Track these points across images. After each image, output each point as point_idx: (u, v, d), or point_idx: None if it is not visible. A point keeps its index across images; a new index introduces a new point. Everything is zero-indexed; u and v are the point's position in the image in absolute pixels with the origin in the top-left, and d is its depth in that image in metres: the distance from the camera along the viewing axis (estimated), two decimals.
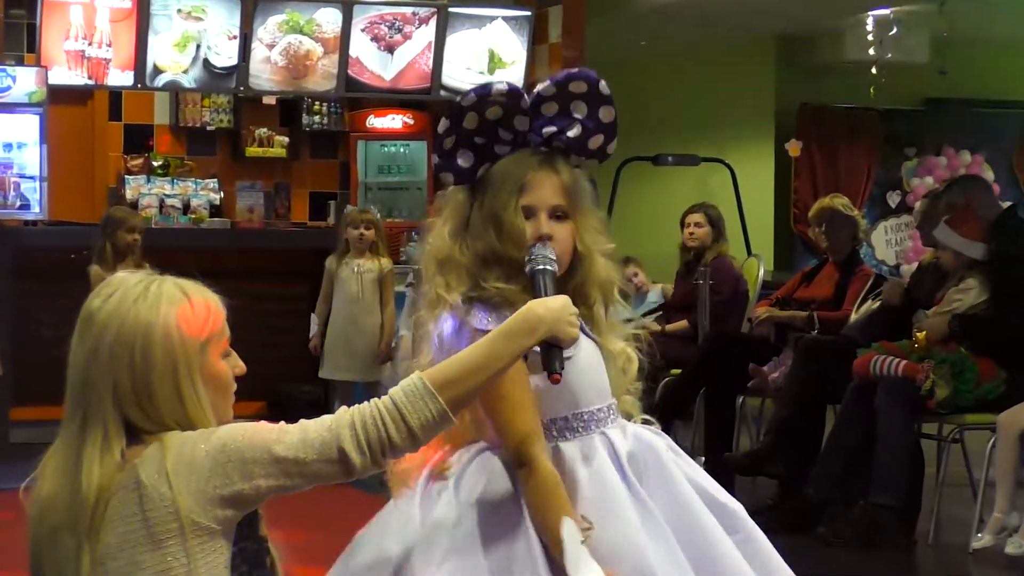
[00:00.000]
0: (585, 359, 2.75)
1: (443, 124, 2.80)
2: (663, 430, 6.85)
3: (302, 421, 2.30)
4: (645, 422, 2.92)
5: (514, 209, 2.78)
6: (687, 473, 2.82)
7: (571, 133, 2.81)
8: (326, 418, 2.31)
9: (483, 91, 2.78)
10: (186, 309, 2.31)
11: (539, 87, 2.82)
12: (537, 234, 2.77)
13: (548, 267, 2.68)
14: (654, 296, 9.36)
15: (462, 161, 2.81)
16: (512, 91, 2.79)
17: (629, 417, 2.90)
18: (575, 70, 2.85)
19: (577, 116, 2.82)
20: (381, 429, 2.30)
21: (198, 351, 2.31)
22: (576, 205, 2.82)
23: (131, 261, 7.98)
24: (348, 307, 8.35)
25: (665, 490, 2.77)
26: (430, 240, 2.86)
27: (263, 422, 2.30)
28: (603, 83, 2.82)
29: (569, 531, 2.59)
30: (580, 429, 2.78)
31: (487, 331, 2.68)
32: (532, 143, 2.82)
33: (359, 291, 8.32)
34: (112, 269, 7.70)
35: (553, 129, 2.81)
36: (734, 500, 2.86)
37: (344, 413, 2.31)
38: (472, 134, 2.80)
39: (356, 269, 8.35)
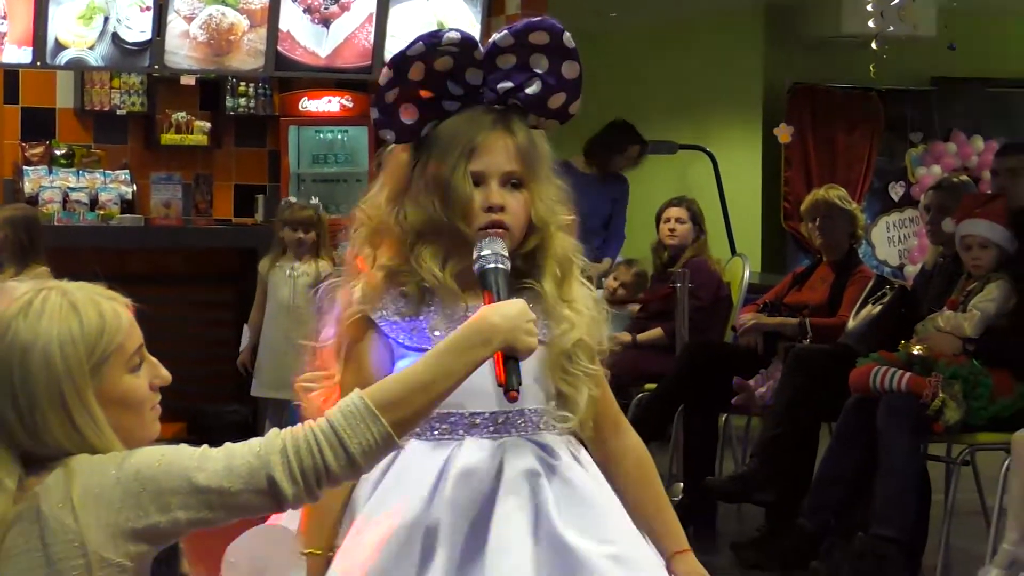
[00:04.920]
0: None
1: (385, 75, 2.79)
2: None
3: (227, 445, 2.30)
4: (562, 419, 2.84)
5: (462, 174, 2.77)
6: (536, 504, 2.74)
7: (529, 90, 2.81)
8: (254, 442, 2.31)
9: (432, 39, 2.76)
10: (72, 327, 2.30)
11: (495, 36, 2.81)
12: (487, 203, 2.77)
13: (500, 265, 2.67)
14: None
15: (405, 117, 2.80)
16: (465, 40, 2.77)
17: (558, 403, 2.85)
18: (536, 18, 2.84)
19: (537, 71, 2.81)
20: (317, 455, 2.30)
21: (87, 374, 2.29)
22: (532, 172, 2.82)
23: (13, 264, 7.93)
24: (280, 317, 8.36)
25: (483, 536, 2.72)
26: (363, 205, 2.87)
27: (183, 446, 2.30)
28: (567, 35, 2.82)
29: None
30: (447, 431, 2.77)
31: (380, 328, 2.76)
32: (485, 99, 2.81)
33: (291, 298, 8.33)
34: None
35: (509, 85, 2.80)
36: (601, 542, 2.73)
37: (275, 437, 2.31)
38: (417, 87, 2.78)
39: (289, 273, 8.37)
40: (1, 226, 8.18)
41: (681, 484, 7.81)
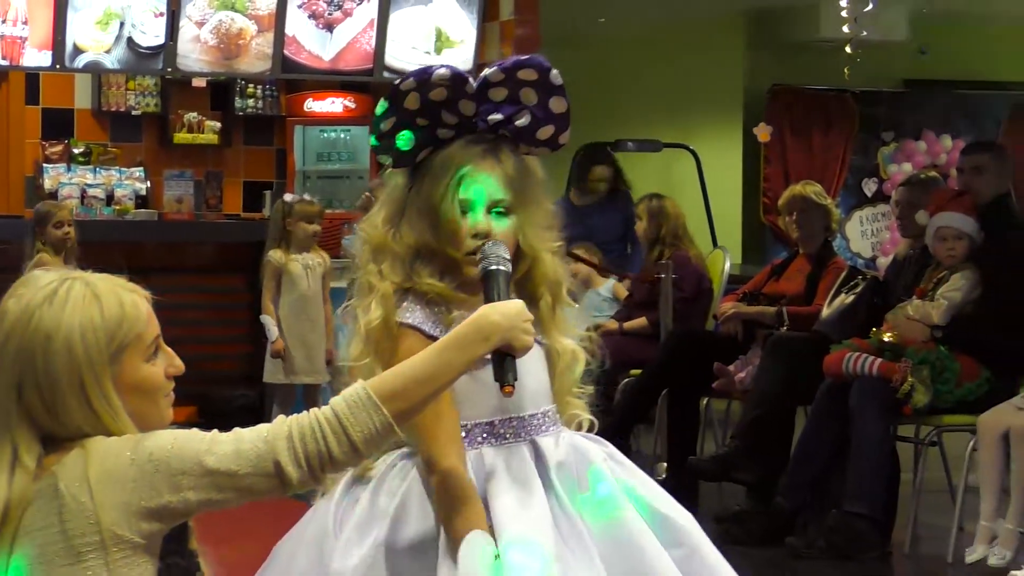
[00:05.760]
0: (520, 362, 2.67)
1: (382, 105, 2.79)
2: (622, 434, 7.00)
3: (236, 430, 2.30)
4: (588, 427, 2.92)
5: (451, 200, 2.78)
6: (624, 484, 2.82)
7: (519, 122, 2.80)
8: (262, 428, 2.31)
9: (423, 75, 2.76)
10: (93, 317, 2.30)
11: (486, 72, 2.81)
12: (474, 230, 2.77)
13: (501, 267, 2.67)
14: (606, 291, 9.40)
15: (402, 143, 2.80)
16: (455, 76, 2.77)
17: (574, 420, 2.91)
18: (524, 57, 2.83)
19: (526, 104, 2.80)
20: (320, 442, 2.30)
21: (106, 362, 2.29)
22: (521, 199, 2.81)
23: (68, 257, 8.04)
24: (301, 305, 8.39)
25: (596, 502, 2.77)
26: (363, 225, 2.87)
27: (195, 430, 2.30)
28: (555, 72, 2.80)
29: (469, 546, 2.59)
30: (508, 435, 2.79)
31: (412, 326, 2.72)
32: (478, 129, 2.81)
33: (312, 288, 8.38)
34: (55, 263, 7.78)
35: (500, 116, 2.80)
36: (682, 511, 2.85)
37: (282, 423, 2.31)
38: (414, 115, 2.78)
39: (308, 264, 8.41)
40: (69, 223, 8.29)
41: (665, 464, 7.82)
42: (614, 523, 2.74)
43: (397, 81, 2.80)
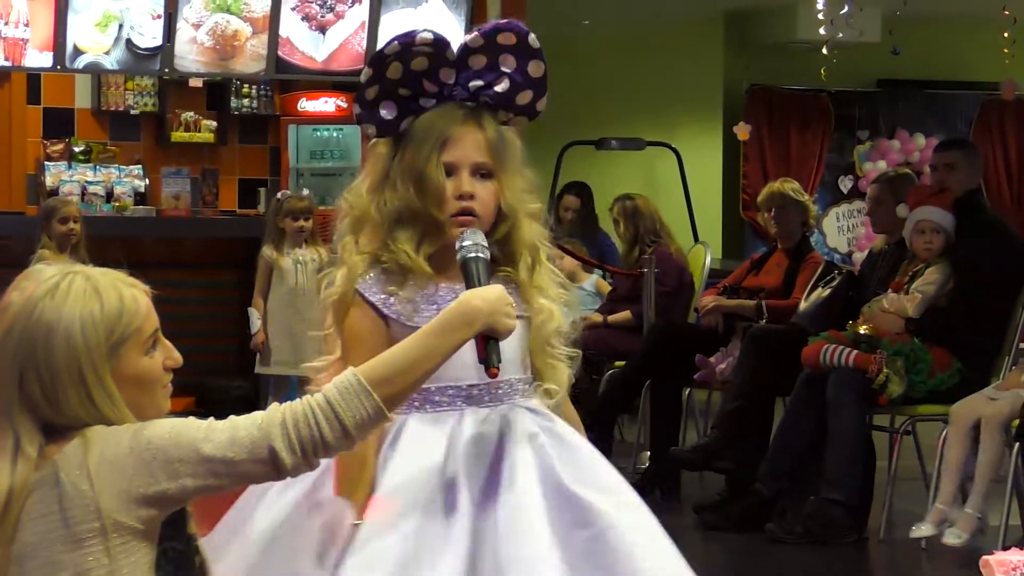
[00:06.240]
0: None
1: (366, 73, 2.81)
2: (607, 424, 6.93)
3: (231, 418, 2.30)
4: (546, 392, 2.86)
5: (435, 165, 2.78)
6: (543, 461, 2.74)
7: (499, 88, 2.82)
8: (257, 415, 2.31)
9: (407, 38, 2.78)
10: (93, 310, 2.29)
11: (467, 38, 2.82)
12: (458, 192, 2.78)
13: (481, 255, 2.68)
14: (589, 285, 9.39)
15: (385, 112, 2.81)
16: (437, 40, 2.78)
17: (536, 378, 2.86)
18: (504, 21, 2.85)
19: (505, 70, 2.81)
20: (314, 428, 2.30)
21: (106, 354, 2.29)
22: (501, 163, 2.82)
23: (74, 252, 8.03)
24: (290, 299, 8.38)
25: (496, 481, 2.72)
26: (347, 195, 2.88)
27: (191, 419, 2.30)
28: (532, 36, 2.82)
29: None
30: (444, 403, 2.78)
31: (366, 299, 2.75)
32: (458, 97, 2.82)
33: (302, 283, 8.37)
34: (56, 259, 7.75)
35: (480, 83, 2.81)
36: (609, 493, 2.73)
37: (275, 411, 2.32)
38: (396, 84, 2.79)
39: (299, 260, 8.40)
40: (75, 219, 8.28)
41: (648, 453, 7.82)
42: (501, 504, 2.69)
43: (382, 46, 2.81)
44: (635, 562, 2.66)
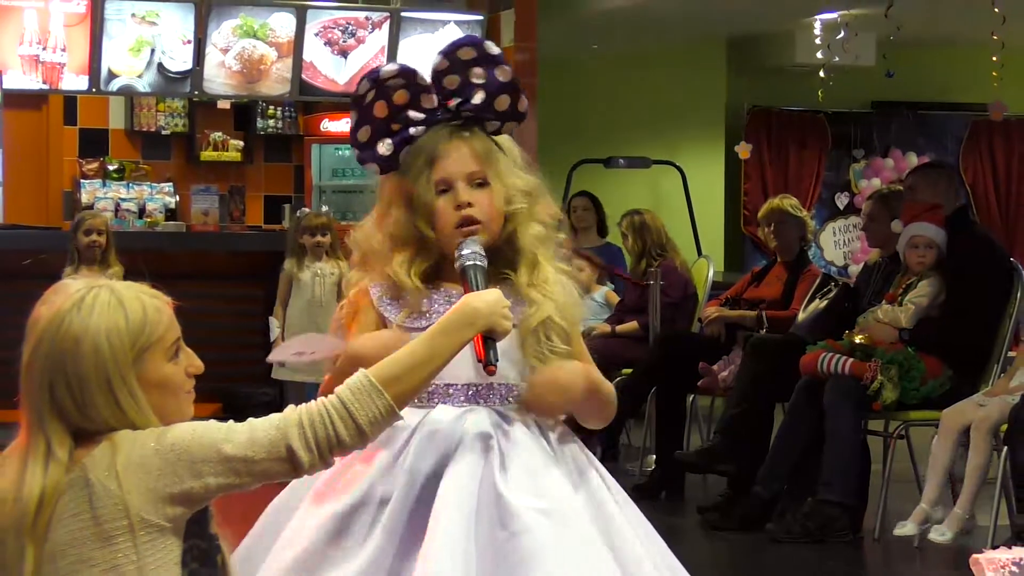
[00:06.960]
0: None
1: (352, 118, 2.80)
2: (614, 429, 6.86)
3: (250, 420, 2.31)
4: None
5: (425, 183, 2.78)
6: (488, 458, 2.68)
7: (476, 100, 2.80)
8: (274, 417, 2.32)
9: (374, 75, 2.77)
10: (118, 321, 2.29)
11: (432, 63, 2.81)
12: (456, 203, 2.76)
13: (478, 262, 2.69)
14: (599, 297, 9.38)
15: (382, 150, 2.80)
16: (404, 70, 2.78)
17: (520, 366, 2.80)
18: (459, 38, 2.88)
19: (477, 82, 2.80)
20: (329, 427, 2.31)
21: (131, 362, 2.29)
22: (494, 168, 2.80)
23: (96, 264, 8.03)
24: (308, 310, 8.40)
25: (434, 478, 2.67)
26: (354, 233, 2.89)
27: (212, 421, 2.31)
28: (489, 43, 2.82)
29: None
30: (423, 399, 2.74)
31: (373, 303, 2.77)
32: (443, 118, 2.81)
33: (320, 294, 8.37)
34: (76, 272, 7.75)
35: (458, 100, 2.80)
36: (535, 497, 2.65)
37: (292, 412, 2.33)
38: (386, 122, 2.79)
39: (317, 273, 8.42)
40: (99, 231, 8.26)
41: (654, 456, 7.81)
42: (426, 500, 2.66)
43: (355, 89, 2.80)
44: (543, 566, 2.56)
